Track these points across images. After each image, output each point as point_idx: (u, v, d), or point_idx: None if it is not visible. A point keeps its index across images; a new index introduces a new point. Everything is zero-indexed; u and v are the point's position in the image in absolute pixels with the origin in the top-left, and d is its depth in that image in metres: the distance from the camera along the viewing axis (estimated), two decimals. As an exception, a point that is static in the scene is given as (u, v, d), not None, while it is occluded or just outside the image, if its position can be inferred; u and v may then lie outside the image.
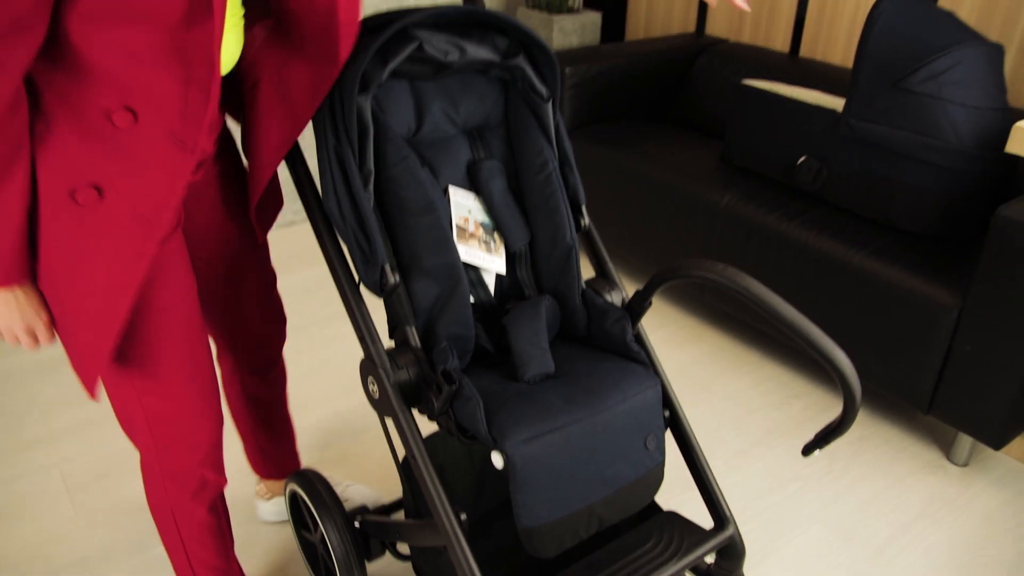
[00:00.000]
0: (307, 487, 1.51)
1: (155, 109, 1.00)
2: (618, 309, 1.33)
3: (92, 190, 1.01)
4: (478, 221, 1.36)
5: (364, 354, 1.25)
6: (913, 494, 1.93)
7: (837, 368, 1.10)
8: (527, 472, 1.14)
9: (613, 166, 2.67)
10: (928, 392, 1.96)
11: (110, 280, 1.05)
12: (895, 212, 2.10)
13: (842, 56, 2.76)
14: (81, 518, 1.82)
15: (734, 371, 2.38)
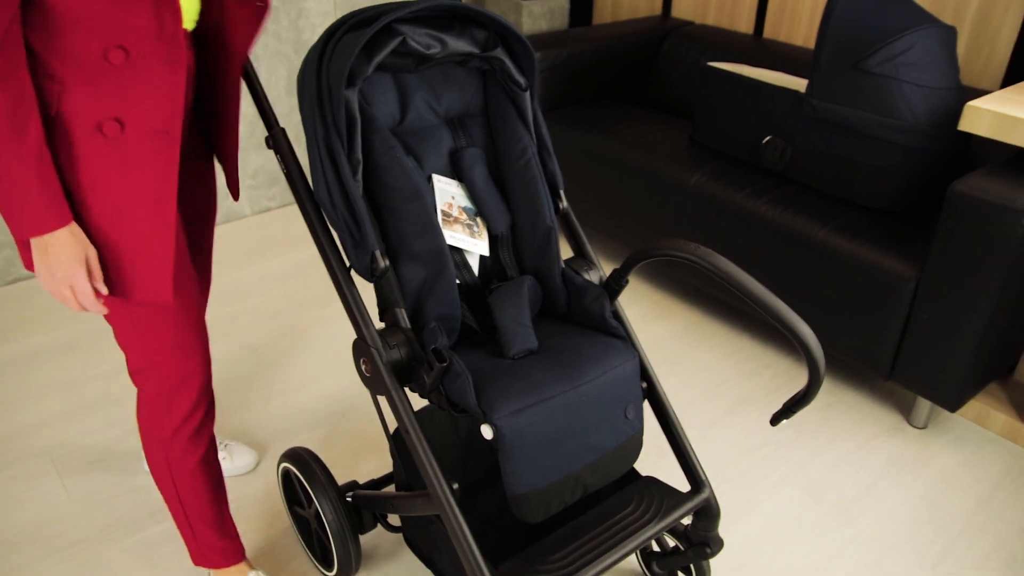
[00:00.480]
0: (300, 465, 1.57)
1: (139, 40, 1.12)
2: (596, 287, 1.41)
3: (114, 123, 1.14)
4: (461, 206, 1.42)
5: (357, 335, 1.31)
6: (876, 455, 2.04)
7: (802, 341, 1.18)
8: (515, 442, 1.21)
9: (585, 148, 2.74)
10: (889, 359, 2.06)
11: (152, 192, 1.18)
12: (856, 189, 2.20)
13: (804, 37, 2.85)
14: (76, 502, 1.86)
15: (705, 344, 2.47)
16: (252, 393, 2.22)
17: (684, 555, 1.52)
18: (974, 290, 1.84)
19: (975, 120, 1.86)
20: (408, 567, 1.71)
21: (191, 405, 1.40)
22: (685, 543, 1.51)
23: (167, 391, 1.37)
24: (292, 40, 3.05)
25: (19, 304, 2.61)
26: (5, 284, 2.72)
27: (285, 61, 3.06)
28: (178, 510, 1.49)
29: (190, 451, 1.43)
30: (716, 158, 2.51)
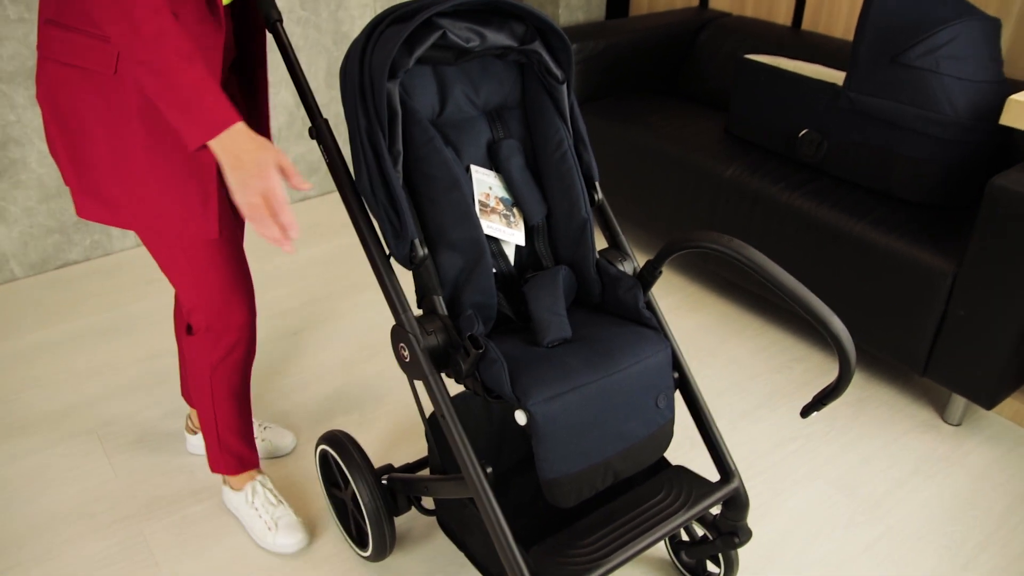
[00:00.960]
0: (338, 448, 1.61)
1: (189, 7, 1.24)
2: (630, 278, 1.43)
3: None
4: (498, 197, 1.44)
5: (396, 321, 1.34)
6: (909, 452, 2.03)
7: (833, 334, 1.18)
8: (548, 428, 1.23)
9: (620, 139, 2.75)
10: (924, 355, 2.05)
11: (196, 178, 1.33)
12: (894, 182, 2.18)
13: (843, 29, 2.82)
14: (121, 479, 1.93)
15: (738, 337, 2.47)
16: (291, 377, 2.27)
17: (712, 544, 1.54)
18: (1013, 286, 1.82)
19: (1018, 114, 1.83)
20: (441, 549, 1.74)
21: (234, 341, 1.55)
22: (714, 532, 1.53)
23: (215, 329, 1.51)
24: (331, 31, 3.09)
25: (65, 288, 2.70)
26: (54, 269, 2.80)
27: (324, 52, 3.11)
28: (210, 421, 1.66)
29: (228, 379, 1.61)
30: (752, 151, 2.50)
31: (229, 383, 1.61)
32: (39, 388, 2.22)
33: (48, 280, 2.74)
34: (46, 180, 2.69)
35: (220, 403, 1.63)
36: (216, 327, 1.52)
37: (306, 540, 1.74)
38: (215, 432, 1.67)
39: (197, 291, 1.47)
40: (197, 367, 1.59)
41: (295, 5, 2.96)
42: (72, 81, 1.25)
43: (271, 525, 1.72)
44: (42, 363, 2.33)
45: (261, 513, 1.73)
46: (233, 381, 1.61)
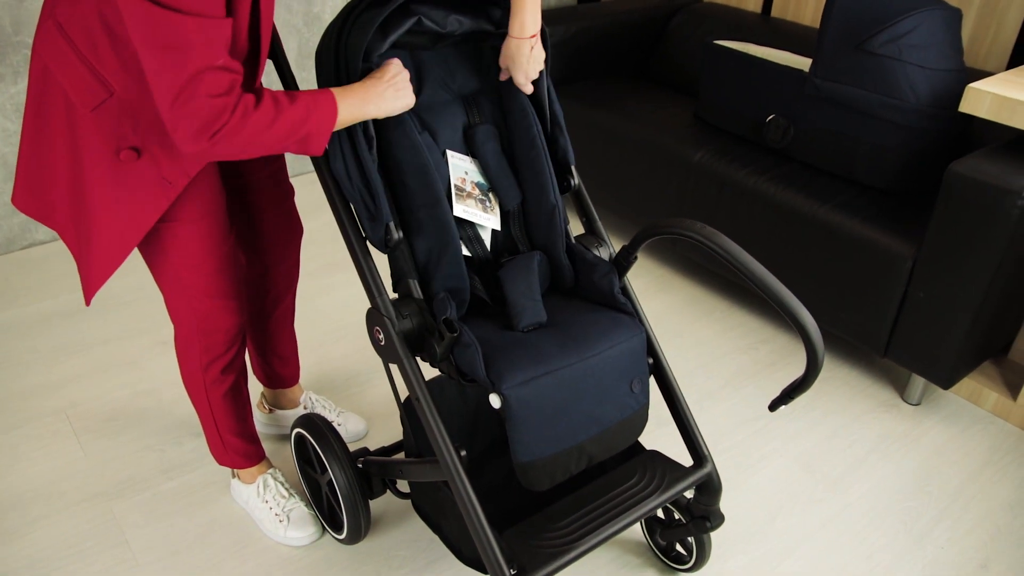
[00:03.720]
0: (314, 432, 1.62)
1: None
2: (606, 263, 1.44)
3: (132, 151, 1.24)
4: (474, 182, 1.46)
5: (371, 304, 1.35)
6: (869, 430, 2.09)
7: (802, 326, 1.21)
8: (522, 412, 1.25)
9: (591, 123, 2.77)
10: (884, 336, 2.10)
11: (128, 222, 1.30)
12: (858, 168, 2.22)
13: (812, 17, 2.86)
14: (91, 458, 1.92)
15: (705, 318, 2.52)
16: (260, 358, 2.27)
17: (686, 527, 1.57)
18: (970, 270, 1.87)
19: (976, 102, 1.88)
20: (415, 533, 1.76)
21: (223, 347, 1.53)
22: (687, 516, 1.56)
23: (201, 334, 1.50)
24: (303, 12, 3.07)
25: (33, 269, 2.66)
26: (20, 249, 2.77)
27: (295, 33, 3.09)
28: (210, 422, 1.65)
29: (221, 381, 1.58)
30: (720, 136, 2.54)
31: (223, 384, 1.59)
32: (5, 368, 2.20)
33: (15, 260, 2.71)
34: (10, 159, 2.65)
35: (217, 405, 1.61)
36: (204, 329, 1.49)
37: (318, 533, 1.73)
38: (216, 432, 1.66)
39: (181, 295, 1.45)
40: (188, 368, 1.57)
41: None
42: (54, 92, 1.22)
43: (283, 518, 1.72)
44: (8, 343, 2.30)
45: (272, 506, 1.72)
46: (227, 381, 1.59)
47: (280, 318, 1.79)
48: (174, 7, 0.99)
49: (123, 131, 1.23)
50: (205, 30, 1.02)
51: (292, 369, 1.91)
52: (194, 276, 1.41)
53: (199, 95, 1.04)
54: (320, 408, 1.97)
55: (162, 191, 1.28)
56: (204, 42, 1.02)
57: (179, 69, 1.02)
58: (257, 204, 1.59)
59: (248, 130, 1.11)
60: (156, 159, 1.26)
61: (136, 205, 1.29)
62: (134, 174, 1.26)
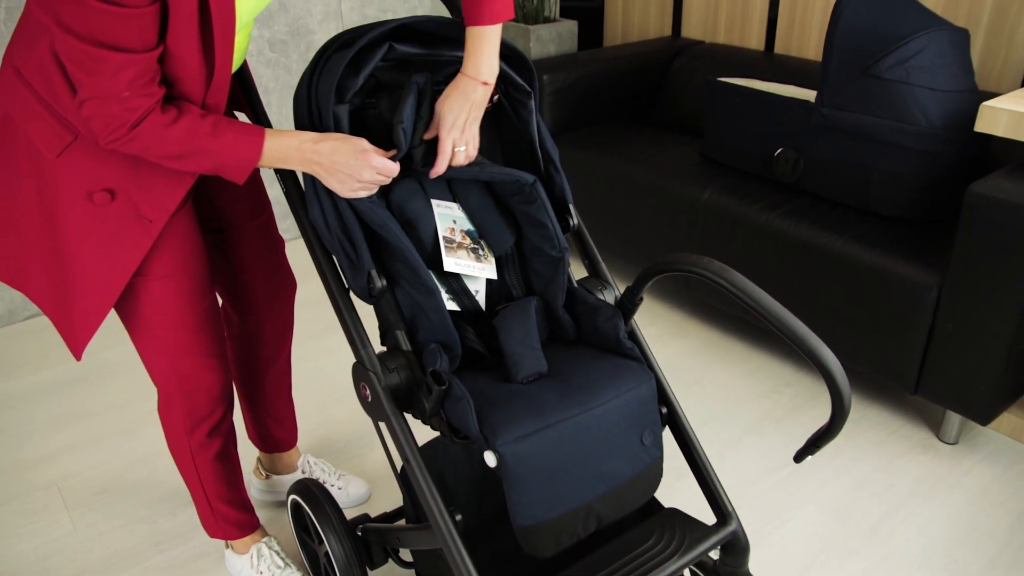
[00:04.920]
0: (308, 498, 1.52)
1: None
2: (610, 306, 1.34)
3: (105, 193, 1.19)
4: (464, 230, 1.37)
5: (356, 358, 1.27)
6: (905, 474, 1.95)
7: (823, 366, 1.10)
8: (520, 470, 1.15)
9: (594, 168, 2.71)
10: (914, 372, 1.98)
11: (110, 267, 1.24)
12: (872, 197, 2.14)
13: (815, 51, 2.81)
14: (80, 532, 1.83)
15: (723, 363, 2.40)
16: (260, 422, 2.19)
17: None
18: (1000, 295, 1.76)
19: (992, 120, 1.80)
20: (414, 596, 1.65)
21: (206, 408, 1.45)
22: None
23: (182, 394, 1.42)
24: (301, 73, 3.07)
25: (33, 339, 2.62)
26: (22, 320, 2.73)
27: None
28: (198, 490, 1.56)
29: (207, 445, 1.50)
30: (727, 173, 2.46)
31: (210, 449, 1.50)
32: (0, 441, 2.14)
33: (16, 331, 2.67)
34: None
35: (204, 471, 1.52)
36: (186, 390, 1.41)
37: None
38: (205, 500, 1.57)
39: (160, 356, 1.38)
40: (172, 432, 1.49)
41: (264, 48, 2.95)
42: (18, 140, 1.18)
43: None
44: (5, 416, 2.24)
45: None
46: (214, 445, 1.50)
47: (275, 377, 1.71)
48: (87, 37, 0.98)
49: (94, 173, 1.18)
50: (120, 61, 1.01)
51: (289, 431, 1.82)
52: (171, 333, 1.34)
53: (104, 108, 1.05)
54: (319, 472, 1.87)
55: (142, 230, 1.23)
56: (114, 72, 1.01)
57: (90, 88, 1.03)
58: (243, 257, 1.52)
59: (150, 142, 1.08)
60: (131, 197, 1.20)
61: (117, 248, 1.23)
62: (111, 216, 1.21)
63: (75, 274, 1.24)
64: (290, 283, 1.62)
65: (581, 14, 3.46)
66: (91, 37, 0.97)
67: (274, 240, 1.56)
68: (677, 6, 3.22)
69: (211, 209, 1.45)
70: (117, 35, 0.98)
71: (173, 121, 1.07)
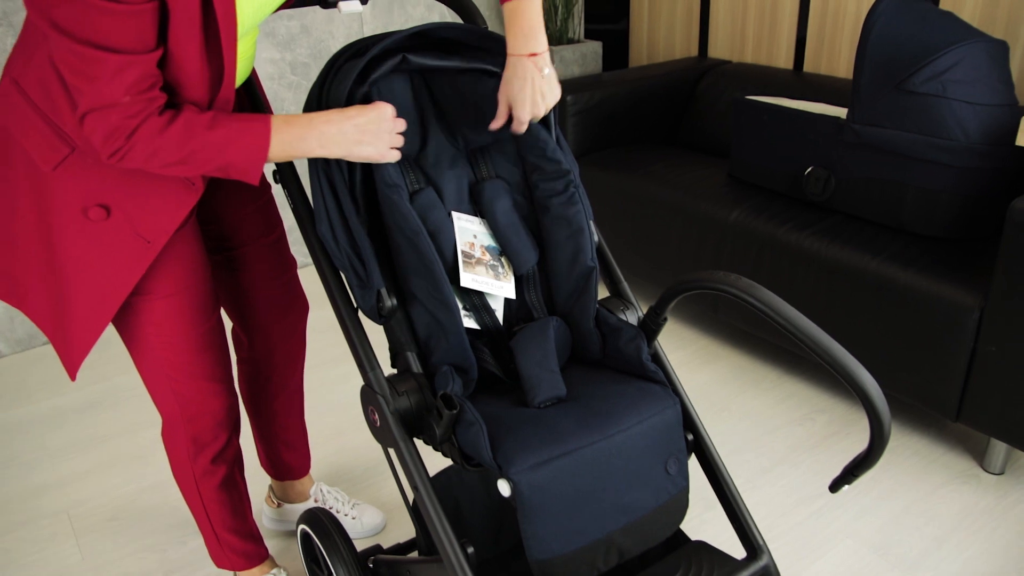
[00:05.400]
0: (318, 529, 1.46)
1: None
2: (632, 327, 1.27)
3: (101, 209, 1.15)
4: (484, 246, 1.31)
5: (364, 381, 1.21)
6: (947, 505, 1.85)
7: (860, 388, 1.02)
8: (535, 500, 1.08)
9: (619, 189, 2.65)
10: (955, 398, 1.88)
11: (105, 285, 1.20)
12: (907, 215, 2.05)
13: (846, 68, 2.74)
14: (88, 561, 1.79)
15: (754, 389, 2.31)
16: (275, 448, 2.14)
17: None
18: (1046, 317, 1.66)
19: (1034, 134, 1.71)
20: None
21: (210, 434, 1.40)
22: None
23: (185, 419, 1.37)
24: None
25: (50, 364, 2.60)
26: (41, 345, 2.72)
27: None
28: (203, 518, 1.51)
29: (212, 472, 1.44)
30: (756, 193, 2.39)
31: (215, 476, 1.45)
32: (12, 468, 2.11)
33: (34, 356, 2.65)
34: None
35: (209, 499, 1.47)
36: (189, 415, 1.37)
37: None
38: (211, 530, 1.52)
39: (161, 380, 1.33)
40: (176, 458, 1.44)
41: (286, 71, 2.94)
42: (15, 153, 1.15)
43: None
44: (18, 441, 2.21)
45: None
46: (219, 472, 1.45)
47: (286, 402, 1.66)
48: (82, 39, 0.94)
49: (89, 187, 1.14)
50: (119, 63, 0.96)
51: (301, 458, 1.76)
52: (173, 355, 1.29)
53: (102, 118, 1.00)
54: (333, 501, 1.81)
55: (140, 250, 1.18)
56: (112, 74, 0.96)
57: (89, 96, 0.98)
58: (253, 277, 1.48)
59: (150, 149, 1.03)
60: (129, 215, 1.16)
61: (113, 267, 1.18)
62: (107, 233, 1.17)
63: (70, 292, 1.20)
64: (302, 305, 1.57)
65: (606, 35, 3.43)
66: (86, 38, 0.93)
67: (285, 260, 1.52)
68: (703, 26, 3.17)
69: (218, 228, 1.41)
70: (113, 35, 0.94)
71: (169, 122, 1.03)
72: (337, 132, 1.11)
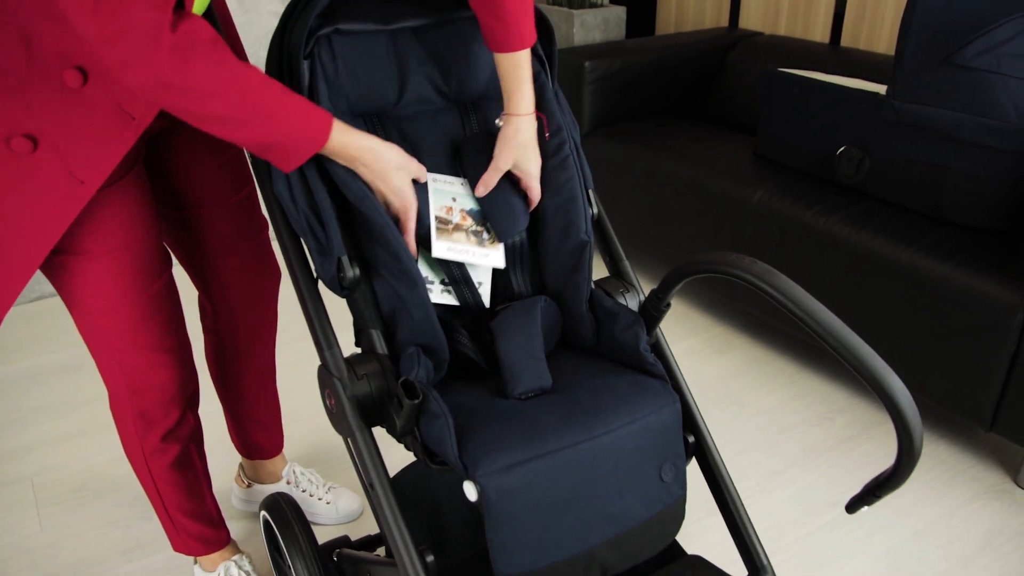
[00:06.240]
0: (278, 517, 1.34)
1: (108, 76, 0.99)
2: (631, 312, 1.13)
3: (27, 140, 1.01)
4: (465, 209, 1.16)
5: (320, 361, 1.08)
6: (975, 523, 1.69)
7: (889, 396, 0.87)
8: (505, 507, 0.95)
9: (635, 163, 2.49)
10: (991, 407, 1.72)
11: (29, 229, 1.05)
12: (948, 203, 1.88)
13: (887, 44, 2.55)
14: (47, 534, 1.69)
15: (770, 384, 2.16)
16: (255, 422, 2.02)
17: None
18: (1099, 322, 1.49)
19: (1098, 117, 1.53)
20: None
21: (159, 409, 1.28)
22: None
23: (131, 392, 1.25)
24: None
25: (36, 322, 2.50)
26: (28, 302, 2.62)
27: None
28: (156, 499, 1.40)
29: (163, 451, 1.33)
30: (783, 173, 2.22)
31: (166, 455, 1.33)
32: (-19, 429, 2.01)
33: (20, 313, 2.56)
34: None
35: (161, 479, 1.36)
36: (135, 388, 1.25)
37: None
38: (164, 512, 1.41)
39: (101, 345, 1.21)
40: (124, 434, 1.33)
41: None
42: None
43: None
44: (-9, 402, 2.12)
45: None
46: (171, 451, 1.33)
47: (255, 377, 1.54)
48: None
49: (14, 114, 0.99)
50: None
51: (273, 437, 1.64)
52: (113, 322, 1.17)
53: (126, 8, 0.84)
54: (307, 483, 1.69)
55: (71, 191, 1.04)
56: None
57: None
58: (218, 239, 1.34)
59: (205, 74, 0.89)
60: (59, 149, 1.02)
61: (39, 209, 1.05)
62: (35, 170, 1.03)
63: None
64: (272, 272, 1.44)
65: (633, 1, 3.24)
66: None
67: (255, 222, 1.38)
68: (736, -5, 2.98)
69: (176, 182, 1.27)
70: None
71: (234, 60, 0.91)
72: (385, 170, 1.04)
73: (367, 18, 1.09)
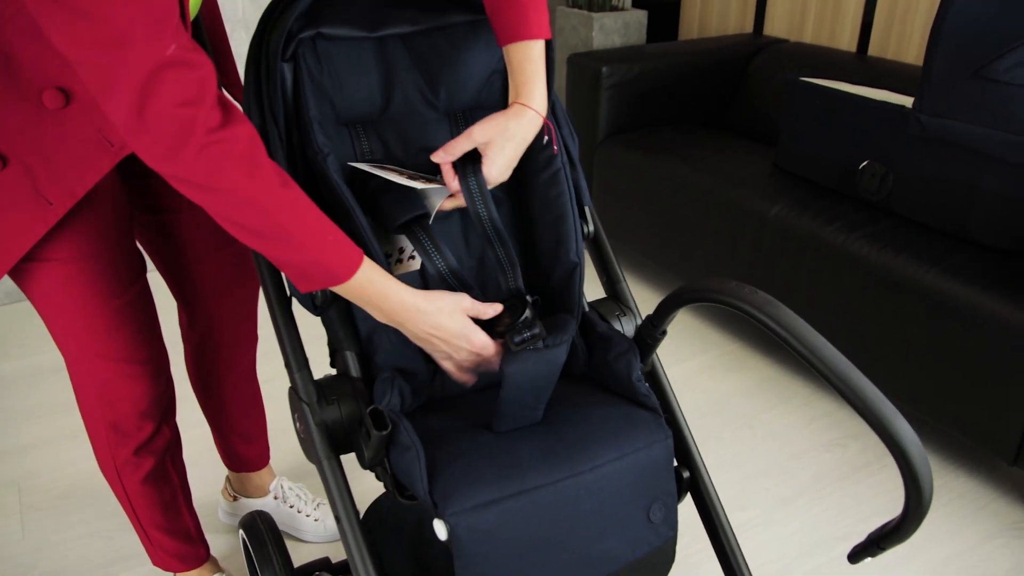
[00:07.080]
0: (253, 537, 1.28)
1: (91, 101, 0.95)
2: (625, 339, 1.07)
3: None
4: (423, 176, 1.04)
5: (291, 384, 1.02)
6: (995, 561, 1.60)
7: (897, 444, 0.80)
8: (477, 548, 0.89)
9: (652, 172, 2.41)
10: (1015, 439, 1.63)
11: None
12: (974, 223, 1.78)
13: (916, 54, 2.45)
14: (28, 541, 1.64)
15: (782, 406, 2.07)
16: (249, 430, 1.97)
17: None
18: None
19: None
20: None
21: (132, 422, 1.22)
22: None
23: (103, 404, 1.20)
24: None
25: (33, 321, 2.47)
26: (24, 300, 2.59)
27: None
28: (130, 513, 1.34)
29: (135, 464, 1.27)
30: (802, 186, 2.13)
31: (139, 469, 1.28)
32: (-27, 429, 1.98)
33: (24, 309, 2.53)
34: None
35: (134, 493, 1.30)
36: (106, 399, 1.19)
37: None
38: (140, 526, 1.35)
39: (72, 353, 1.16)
40: (96, 446, 1.28)
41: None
42: None
43: None
44: (-17, 401, 2.09)
45: None
46: (144, 465, 1.28)
47: (236, 388, 1.48)
48: None
49: None
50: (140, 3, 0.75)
51: (258, 450, 1.59)
52: (82, 332, 1.11)
53: (160, 101, 0.78)
54: (294, 499, 1.63)
55: (38, 211, 1.00)
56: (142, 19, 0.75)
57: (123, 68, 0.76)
58: (194, 245, 1.28)
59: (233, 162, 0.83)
60: (30, 170, 0.98)
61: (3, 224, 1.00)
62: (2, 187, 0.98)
63: None
64: (251, 280, 1.38)
65: (655, 6, 3.16)
66: None
67: None
68: (760, 1, 2.89)
69: (150, 185, 1.21)
70: None
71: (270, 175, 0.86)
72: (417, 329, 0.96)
73: (353, 24, 1.03)
